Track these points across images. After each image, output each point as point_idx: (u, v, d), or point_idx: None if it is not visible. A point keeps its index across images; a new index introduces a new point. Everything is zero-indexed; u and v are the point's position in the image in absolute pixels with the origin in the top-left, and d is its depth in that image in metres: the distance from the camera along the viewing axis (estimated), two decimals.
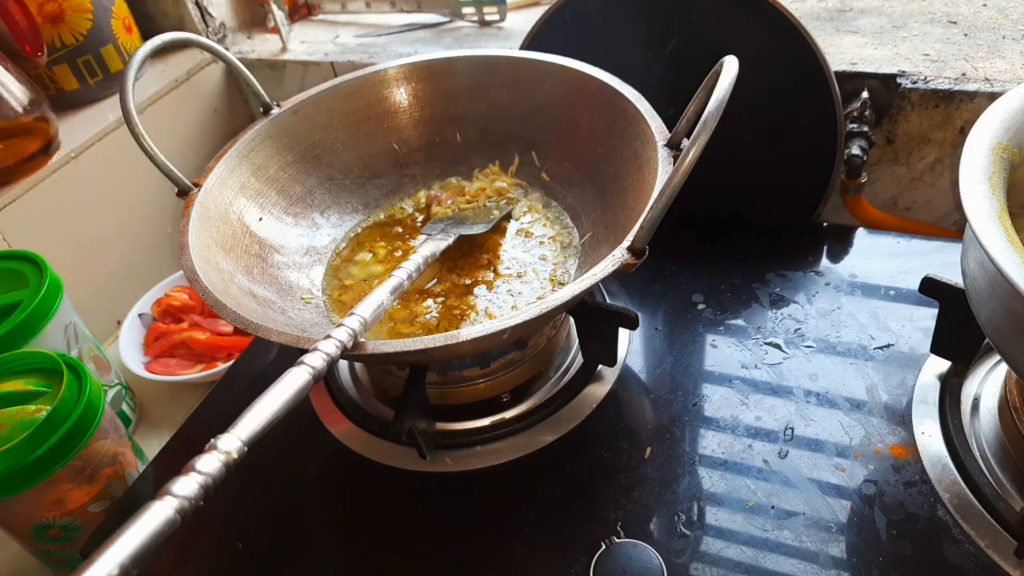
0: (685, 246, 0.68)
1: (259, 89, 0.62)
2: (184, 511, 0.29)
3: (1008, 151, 0.40)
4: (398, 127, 0.67)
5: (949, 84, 0.66)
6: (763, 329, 0.59)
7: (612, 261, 0.42)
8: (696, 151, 0.38)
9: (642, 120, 0.52)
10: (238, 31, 1.01)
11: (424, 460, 0.53)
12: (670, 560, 0.45)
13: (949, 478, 0.47)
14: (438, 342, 0.40)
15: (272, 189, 0.61)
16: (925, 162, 0.71)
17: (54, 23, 0.79)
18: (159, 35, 0.53)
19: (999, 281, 0.35)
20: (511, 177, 0.66)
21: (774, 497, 0.48)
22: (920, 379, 0.53)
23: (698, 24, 0.65)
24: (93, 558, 0.26)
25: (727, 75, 0.40)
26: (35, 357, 0.56)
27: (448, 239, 0.57)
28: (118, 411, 0.70)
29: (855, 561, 0.44)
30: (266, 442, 0.33)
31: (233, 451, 0.32)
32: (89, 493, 0.55)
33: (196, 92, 0.92)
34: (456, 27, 0.95)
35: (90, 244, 0.82)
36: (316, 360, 0.37)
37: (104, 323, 0.84)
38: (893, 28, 0.75)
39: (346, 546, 0.50)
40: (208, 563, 0.51)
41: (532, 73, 0.62)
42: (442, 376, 0.55)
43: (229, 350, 0.75)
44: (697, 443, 0.52)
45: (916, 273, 0.52)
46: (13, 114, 0.73)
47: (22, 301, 0.60)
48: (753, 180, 0.68)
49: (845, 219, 0.73)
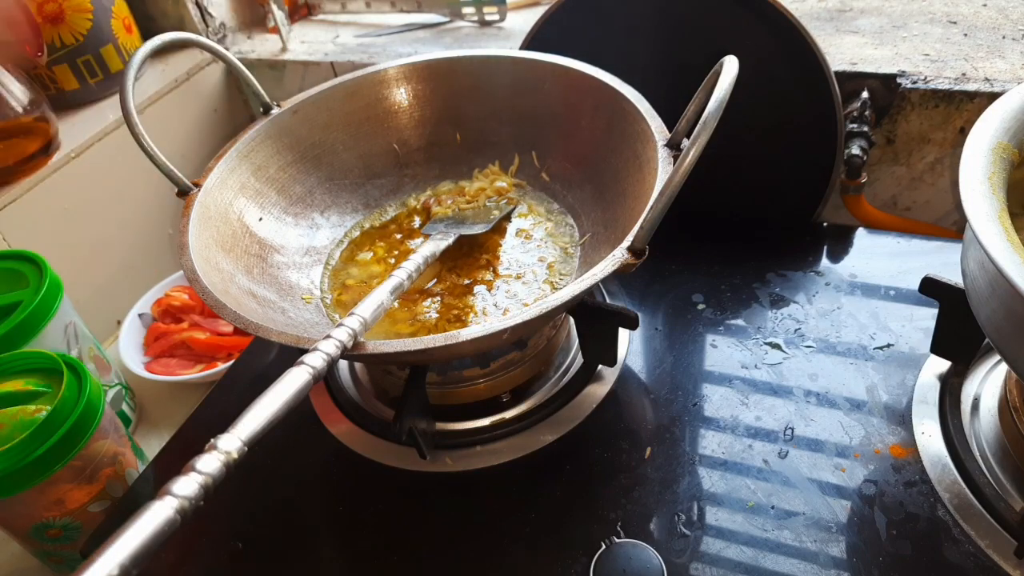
0: (685, 246, 0.68)
1: (259, 89, 0.62)
2: (184, 511, 0.29)
3: (1008, 151, 0.40)
4: (398, 127, 0.67)
5: (949, 84, 0.66)
6: (763, 329, 0.59)
7: (612, 261, 0.42)
8: (696, 151, 0.38)
9: (642, 120, 0.52)
10: (238, 31, 1.01)
11: (424, 460, 0.53)
12: (670, 560, 0.45)
13: (949, 478, 0.47)
14: (438, 342, 0.40)
15: (272, 189, 0.61)
16: (925, 162, 0.71)
17: (54, 23, 0.79)
18: (159, 35, 0.53)
19: (999, 281, 0.35)
20: (511, 177, 0.66)
21: (774, 497, 0.48)
22: (920, 379, 0.53)
23: (698, 24, 0.65)
24: (93, 558, 0.26)
25: (727, 75, 0.40)
26: (35, 357, 0.56)
27: (448, 239, 0.57)
28: (118, 411, 0.70)
29: (855, 561, 0.44)
30: (266, 442, 0.33)
31: (233, 451, 0.32)
32: (89, 493, 0.55)
33: (196, 92, 0.92)
34: (456, 27, 0.95)
35: (90, 244, 0.82)
36: (316, 360, 0.37)
37: (104, 323, 0.84)
38: (893, 28, 0.75)
39: (346, 546, 0.50)
40: (208, 563, 0.51)
41: (532, 73, 0.62)
42: (442, 376, 0.55)
43: (229, 350, 0.75)
44: (697, 443, 0.52)
45: (916, 273, 0.52)
46: (13, 114, 0.73)
47: (22, 301, 0.60)
48: (753, 180, 0.68)
49: (845, 219, 0.73)
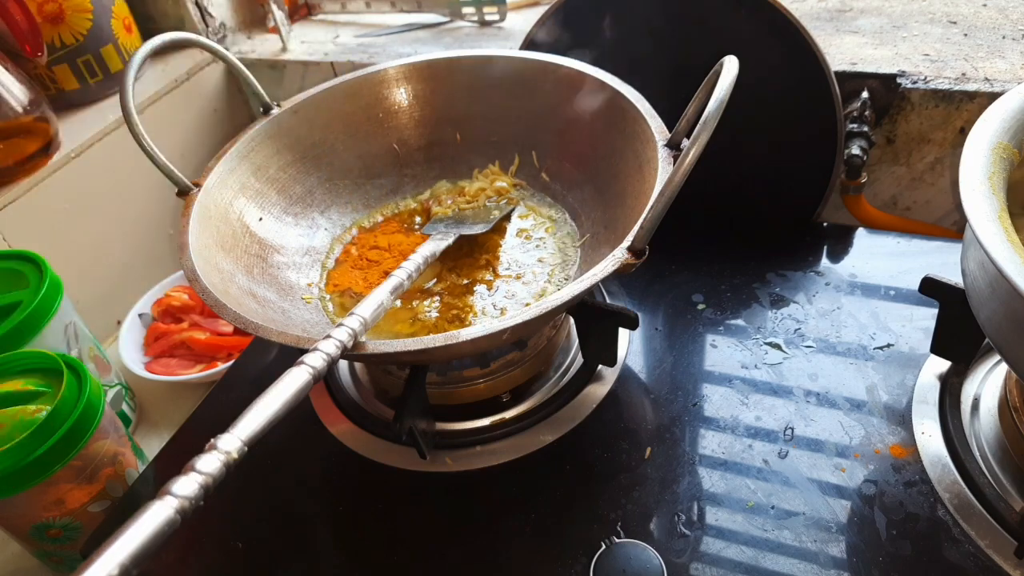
0: (685, 246, 0.68)
1: (259, 89, 0.62)
2: (184, 511, 0.29)
3: (1008, 151, 0.40)
4: (398, 127, 0.67)
5: (949, 84, 0.66)
6: (763, 329, 0.59)
7: (612, 261, 0.42)
8: (696, 151, 0.38)
9: (642, 120, 0.52)
10: (238, 31, 1.01)
11: (424, 460, 0.53)
12: (670, 560, 0.45)
13: (949, 478, 0.47)
14: (438, 342, 0.40)
15: (272, 189, 0.61)
16: (925, 162, 0.71)
17: (54, 23, 0.79)
18: (159, 35, 0.53)
19: (999, 281, 0.35)
20: (511, 177, 0.66)
21: (774, 497, 0.48)
22: (920, 379, 0.53)
23: (698, 24, 0.65)
24: (93, 558, 0.26)
25: (727, 75, 0.40)
26: (35, 357, 0.56)
27: (448, 239, 0.57)
28: (118, 411, 0.70)
29: (855, 561, 0.44)
30: (266, 442, 0.33)
31: (233, 451, 0.32)
32: (89, 493, 0.55)
33: (196, 92, 0.92)
34: (456, 27, 0.95)
35: (90, 244, 0.82)
36: (316, 360, 0.37)
37: (104, 323, 0.84)
38: (893, 28, 0.75)
39: (346, 546, 0.50)
40: (208, 563, 0.51)
41: (532, 73, 0.62)
42: (442, 376, 0.55)
43: (229, 350, 0.75)
44: (697, 443, 0.52)
45: (916, 273, 0.52)
46: (13, 114, 0.73)
47: (22, 301, 0.60)
48: (753, 180, 0.68)
49: (845, 219, 0.73)
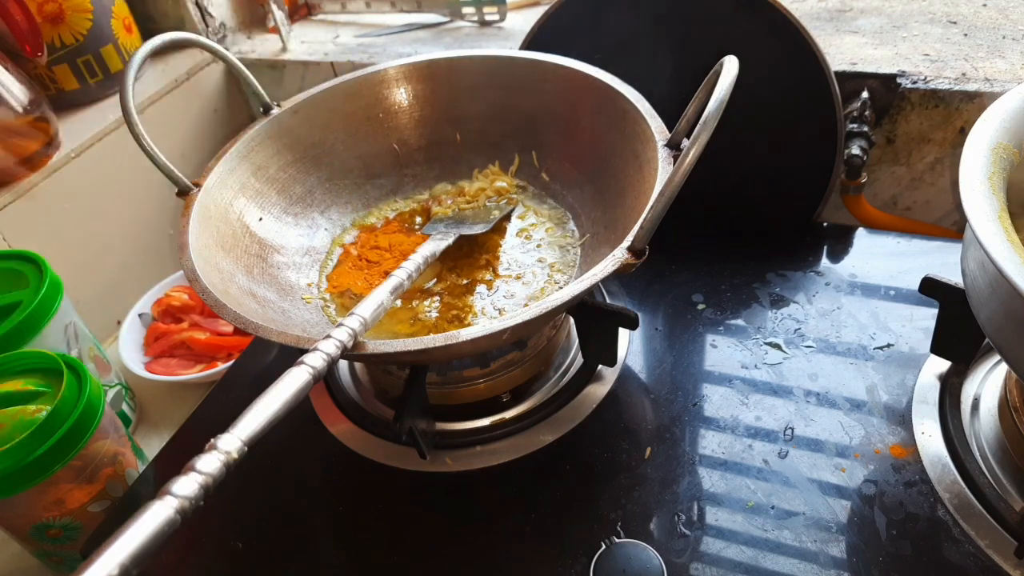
0: (685, 246, 0.68)
1: (259, 89, 0.62)
2: (184, 511, 0.29)
3: (1008, 151, 0.40)
4: (398, 127, 0.67)
5: (949, 84, 0.66)
6: (763, 329, 0.59)
7: (612, 261, 0.42)
8: (696, 151, 0.38)
9: (642, 120, 0.52)
10: (238, 31, 1.01)
11: (424, 460, 0.53)
12: (670, 560, 0.45)
13: (949, 478, 0.47)
14: (438, 342, 0.40)
15: (272, 189, 0.61)
16: (925, 162, 0.71)
17: (54, 23, 0.79)
18: (159, 35, 0.53)
19: (999, 281, 0.35)
20: (511, 177, 0.66)
21: (774, 497, 0.48)
22: (920, 379, 0.53)
23: (698, 24, 0.65)
24: (93, 558, 0.26)
25: (727, 75, 0.40)
26: (35, 357, 0.56)
27: (448, 239, 0.57)
28: (118, 411, 0.70)
29: (855, 561, 0.44)
30: (266, 442, 0.33)
31: (233, 451, 0.32)
32: (89, 493, 0.55)
33: (196, 92, 0.92)
34: (456, 27, 0.95)
35: (90, 244, 0.82)
36: (316, 360, 0.37)
37: (104, 323, 0.84)
38: (893, 28, 0.75)
39: (346, 546, 0.50)
40: (208, 563, 0.51)
41: (532, 73, 0.62)
42: (442, 376, 0.55)
43: (229, 350, 0.75)
44: (697, 443, 0.52)
45: (916, 273, 0.52)
46: (13, 114, 0.73)
47: (22, 301, 0.60)
48: (753, 180, 0.68)
49: (845, 219, 0.73)
